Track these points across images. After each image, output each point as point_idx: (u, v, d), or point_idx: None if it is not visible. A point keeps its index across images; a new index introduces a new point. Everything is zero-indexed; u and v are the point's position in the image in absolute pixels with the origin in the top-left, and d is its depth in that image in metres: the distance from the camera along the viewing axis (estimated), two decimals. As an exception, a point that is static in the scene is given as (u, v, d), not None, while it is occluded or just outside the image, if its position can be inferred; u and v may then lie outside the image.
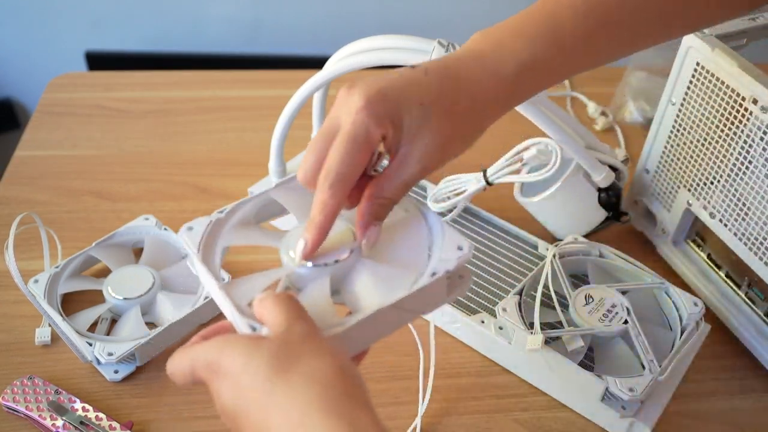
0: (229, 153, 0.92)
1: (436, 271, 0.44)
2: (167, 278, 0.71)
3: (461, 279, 0.46)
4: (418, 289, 0.43)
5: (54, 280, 0.69)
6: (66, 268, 0.70)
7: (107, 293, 0.68)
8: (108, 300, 0.68)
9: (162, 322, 0.67)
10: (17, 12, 1.37)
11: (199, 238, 0.46)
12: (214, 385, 0.39)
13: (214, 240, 0.47)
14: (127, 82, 1.04)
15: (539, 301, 0.65)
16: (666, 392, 0.63)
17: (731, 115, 0.65)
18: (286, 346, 0.38)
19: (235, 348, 0.38)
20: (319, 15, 1.41)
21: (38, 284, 0.68)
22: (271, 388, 0.36)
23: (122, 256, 0.73)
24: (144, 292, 0.68)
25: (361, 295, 0.44)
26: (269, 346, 0.38)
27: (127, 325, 0.66)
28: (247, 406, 0.37)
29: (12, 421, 0.61)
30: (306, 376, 0.37)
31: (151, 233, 0.75)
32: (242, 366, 0.37)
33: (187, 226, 0.47)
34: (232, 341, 0.39)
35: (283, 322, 0.39)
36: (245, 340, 0.39)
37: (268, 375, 0.37)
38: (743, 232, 0.66)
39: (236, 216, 0.49)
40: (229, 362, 0.38)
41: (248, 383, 0.37)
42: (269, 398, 0.36)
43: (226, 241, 0.47)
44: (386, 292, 0.43)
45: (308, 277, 0.44)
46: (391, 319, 0.44)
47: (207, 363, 0.39)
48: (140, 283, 0.69)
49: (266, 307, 0.40)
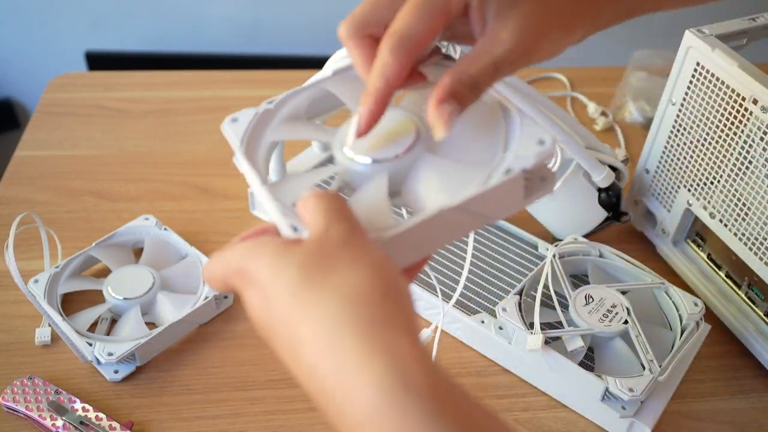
0: (229, 153, 0.91)
1: (512, 167, 0.37)
2: (167, 278, 0.71)
3: (543, 181, 0.39)
4: (490, 188, 0.37)
5: (54, 280, 0.69)
6: (66, 268, 0.70)
7: (107, 293, 0.68)
8: (108, 300, 0.68)
9: (162, 322, 0.67)
10: (17, 12, 1.37)
11: (244, 130, 0.41)
12: (245, 295, 0.34)
13: (260, 133, 0.42)
14: (127, 82, 1.04)
15: (539, 301, 0.65)
16: (666, 392, 0.63)
17: (731, 115, 0.65)
18: (320, 253, 0.33)
19: (264, 253, 0.33)
20: (319, 15, 1.41)
21: (38, 284, 0.68)
22: (299, 304, 0.32)
23: (122, 256, 0.73)
24: (144, 292, 0.68)
25: (424, 196, 0.38)
26: (301, 251, 0.33)
27: (127, 325, 0.66)
28: (275, 320, 0.33)
29: (12, 421, 0.61)
30: (338, 292, 0.32)
31: (151, 233, 0.75)
32: (270, 275, 0.33)
33: (231, 117, 0.42)
34: (262, 245, 0.34)
35: (321, 222, 0.34)
36: (276, 243, 0.34)
37: (295, 288, 0.32)
38: (743, 232, 0.66)
39: (286, 108, 0.43)
40: (257, 269, 0.33)
41: (276, 295, 0.32)
42: (297, 314, 0.32)
43: (273, 135, 0.42)
44: (453, 192, 0.36)
45: (364, 174, 0.38)
46: (455, 223, 0.37)
47: (238, 269, 0.34)
48: (140, 283, 0.69)
49: (308, 206, 0.35)
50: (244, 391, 0.65)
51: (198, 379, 0.65)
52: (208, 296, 0.68)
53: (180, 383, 0.65)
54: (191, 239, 0.75)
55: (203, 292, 0.69)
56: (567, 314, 0.65)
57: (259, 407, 0.64)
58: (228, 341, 0.69)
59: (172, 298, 0.68)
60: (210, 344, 0.68)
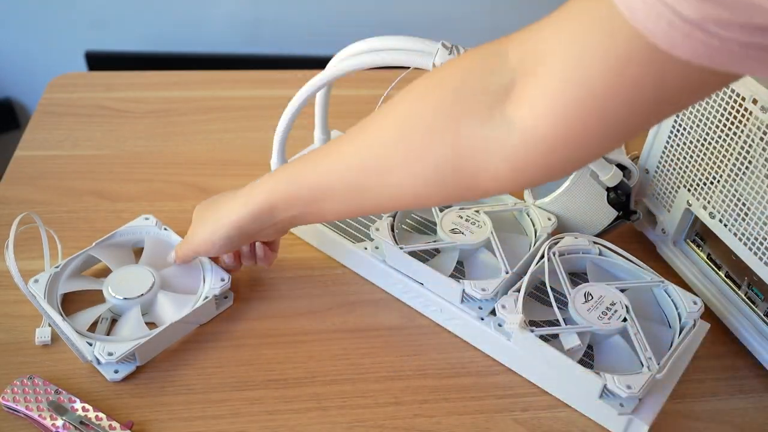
0: (229, 153, 0.92)
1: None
2: (167, 278, 0.71)
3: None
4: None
5: (54, 280, 0.69)
6: (66, 268, 0.70)
7: (107, 293, 0.68)
8: (108, 300, 0.68)
9: (162, 321, 0.67)
10: (17, 12, 1.37)
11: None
12: None
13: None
14: (127, 82, 1.04)
15: (526, 284, 0.65)
16: (664, 390, 0.63)
17: (731, 115, 0.65)
18: None
19: None
20: (319, 15, 1.42)
21: (38, 284, 0.68)
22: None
23: (122, 255, 0.73)
24: (144, 291, 0.68)
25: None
26: None
27: (127, 325, 0.66)
28: None
29: (12, 421, 0.61)
30: None
31: (151, 233, 0.75)
32: None
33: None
34: None
35: None
36: None
37: None
38: (743, 232, 0.66)
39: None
40: None
41: None
42: None
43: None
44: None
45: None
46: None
47: None
48: (140, 283, 0.69)
49: None
50: (244, 391, 0.65)
51: (198, 379, 0.66)
52: (208, 296, 0.68)
53: (180, 383, 0.65)
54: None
55: (203, 292, 0.69)
56: (566, 312, 0.65)
57: (259, 407, 0.64)
58: (228, 341, 0.69)
59: (172, 298, 0.69)
60: (210, 344, 0.69)
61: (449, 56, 0.63)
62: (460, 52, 0.63)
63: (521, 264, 0.70)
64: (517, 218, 0.77)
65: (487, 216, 0.74)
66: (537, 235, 0.74)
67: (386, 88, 0.78)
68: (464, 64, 0.51)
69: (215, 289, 0.69)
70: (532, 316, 0.65)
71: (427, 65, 0.64)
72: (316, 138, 0.83)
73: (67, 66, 1.23)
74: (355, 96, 0.99)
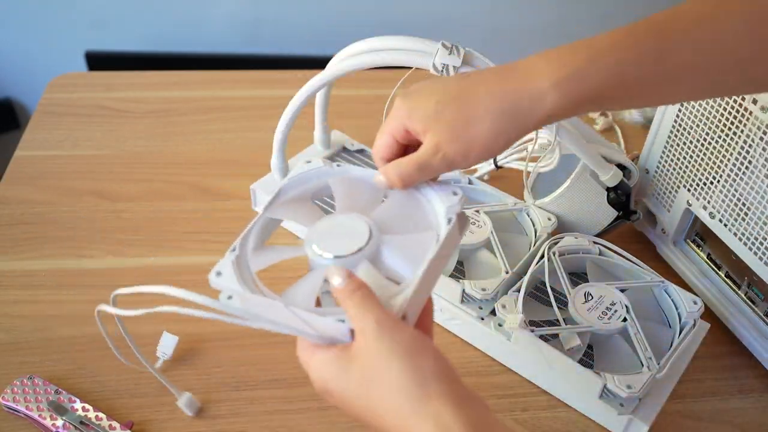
0: (229, 153, 0.92)
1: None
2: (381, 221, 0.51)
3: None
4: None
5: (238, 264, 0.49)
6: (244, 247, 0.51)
7: (316, 256, 0.49)
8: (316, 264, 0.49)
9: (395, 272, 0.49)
10: (17, 12, 1.37)
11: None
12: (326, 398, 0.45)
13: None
14: (127, 82, 1.04)
15: (526, 284, 0.66)
16: (664, 390, 0.63)
17: (731, 115, 0.65)
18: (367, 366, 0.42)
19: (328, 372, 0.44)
20: (319, 15, 1.42)
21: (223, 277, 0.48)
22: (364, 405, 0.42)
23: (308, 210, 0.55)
24: (365, 242, 0.49)
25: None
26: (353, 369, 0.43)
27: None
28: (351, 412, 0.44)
29: (12, 421, 0.61)
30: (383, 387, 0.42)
31: (331, 174, 0.56)
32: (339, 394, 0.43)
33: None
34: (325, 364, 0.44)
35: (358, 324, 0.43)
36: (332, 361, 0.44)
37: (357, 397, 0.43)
38: (743, 232, 0.66)
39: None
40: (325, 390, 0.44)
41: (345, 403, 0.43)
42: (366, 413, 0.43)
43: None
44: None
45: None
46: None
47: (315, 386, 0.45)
48: (353, 234, 0.49)
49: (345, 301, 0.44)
50: (244, 391, 0.65)
51: (198, 379, 0.66)
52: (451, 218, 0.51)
53: (180, 383, 0.65)
54: (191, 239, 0.75)
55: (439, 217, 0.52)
56: (566, 312, 0.65)
57: (259, 407, 0.64)
58: (228, 341, 0.69)
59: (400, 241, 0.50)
60: (210, 344, 0.69)
61: (449, 56, 0.63)
62: (460, 52, 0.63)
63: (521, 264, 0.70)
64: (517, 218, 0.77)
65: (487, 216, 0.73)
66: (537, 235, 0.74)
67: (386, 88, 0.78)
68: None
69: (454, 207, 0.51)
70: (532, 316, 0.65)
71: (427, 65, 0.64)
72: (316, 138, 0.84)
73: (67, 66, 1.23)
74: (355, 96, 0.99)
